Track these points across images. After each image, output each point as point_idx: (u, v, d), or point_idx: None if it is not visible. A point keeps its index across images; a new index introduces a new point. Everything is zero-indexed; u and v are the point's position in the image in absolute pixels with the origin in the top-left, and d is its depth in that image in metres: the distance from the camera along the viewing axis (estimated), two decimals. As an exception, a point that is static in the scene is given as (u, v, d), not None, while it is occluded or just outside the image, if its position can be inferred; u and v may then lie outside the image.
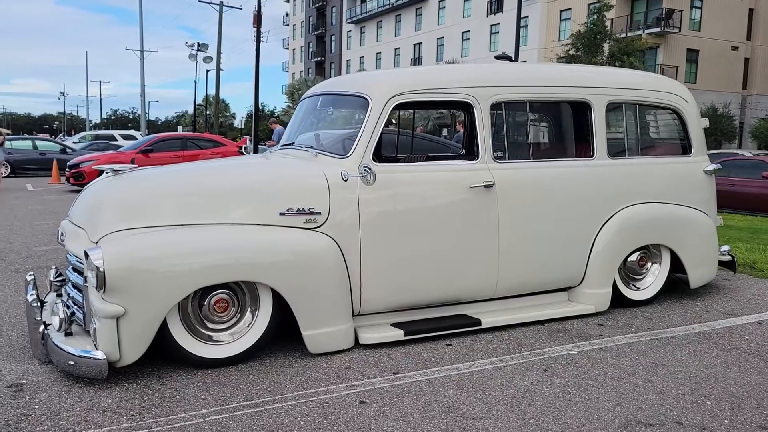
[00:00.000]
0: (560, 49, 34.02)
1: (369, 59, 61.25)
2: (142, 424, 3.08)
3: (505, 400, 3.40)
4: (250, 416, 3.18)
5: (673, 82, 5.57)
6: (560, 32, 41.25)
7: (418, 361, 3.97)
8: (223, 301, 3.84)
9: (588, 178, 4.89)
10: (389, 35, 58.55)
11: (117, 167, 4.21)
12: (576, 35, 31.49)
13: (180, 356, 3.75)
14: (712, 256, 5.50)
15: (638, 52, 32.10)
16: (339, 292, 4.07)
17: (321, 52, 69.84)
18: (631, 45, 31.48)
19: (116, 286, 3.45)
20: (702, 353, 4.15)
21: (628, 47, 31.30)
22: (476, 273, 4.52)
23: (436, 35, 52.20)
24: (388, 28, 58.77)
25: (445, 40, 51.30)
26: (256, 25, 29.99)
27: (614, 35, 32.42)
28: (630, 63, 30.60)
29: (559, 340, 4.39)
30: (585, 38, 31.07)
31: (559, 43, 36.85)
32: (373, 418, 3.18)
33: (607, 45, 31.51)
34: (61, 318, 3.69)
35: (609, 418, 3.19)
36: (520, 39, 45.42)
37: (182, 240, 3.73)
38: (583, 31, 30.86)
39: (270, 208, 4.01)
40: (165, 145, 16.16)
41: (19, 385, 3.53)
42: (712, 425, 3.13)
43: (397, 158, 6.02)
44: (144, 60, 49.93)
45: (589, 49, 31.20)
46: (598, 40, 31.20)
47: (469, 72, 4.76)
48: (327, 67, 68.24)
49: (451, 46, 50.13)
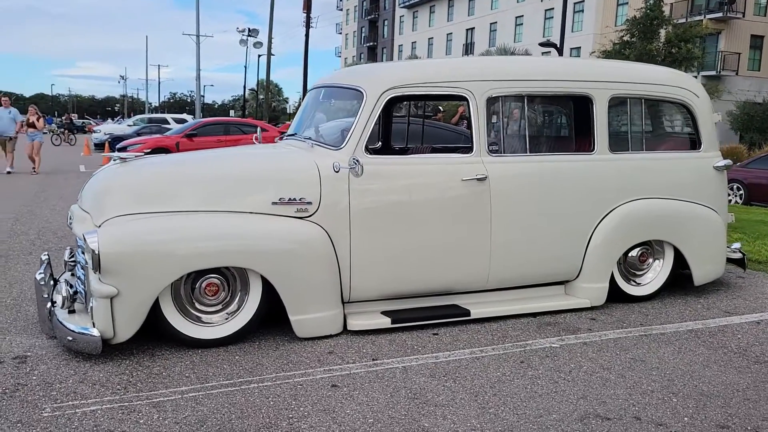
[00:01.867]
0: (614, 35, 33.18)
1: (421, 45, 61.00)
2: (125, 398, 3.31)
3: (473, 390, 3.50)
4: (225, 394, 3.37)
5: (683, 77, 5.49)
6: (617, 17, 40.25)
7: (400, 348, 4.10)
8: (213, 285, 4.05)
9: (586, 173, 4.89)
10: (442, 20, 58.14)
11: (123, 155, 4.46)
12: (631, 21, 30.67)
13: (172, 336, 3.98)
14: (718, 253, 5.42)
15: (697, 39, 31.04)
16: (327, 280, 4.22)
17: (373, 37, 69.88)
18: (689, 31, 30.44)
19: (110, 268, 3.69)
20: (686, 351, 4.14)
21: (686, 33, 30.27)
22: (467, 265, 4.60)
23: (489, 20, 51.59)
24: (440, 13, 58.35)
25: (498, 25, 50.67)
26: (305, 10, 30.30)
27: (673, 21, 31.43)
28: (687, 50, 29.68)
29: (545, 332, 4.45)
30: (640, 24, 30.23)
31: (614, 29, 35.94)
32: (339, 401, 3.33)
33: (664, 31, 30.58)
34: (64, 296, 3.96)
35: (568, 411, 3.26)
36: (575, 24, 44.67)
37: (175, 226, 3.94)
38: (638, 17, 30.00)
39: (262, 198, 4.18)
40: (208, 130, 16.61)
41: (24, 357, 3.82)
42: (670, 422, 3.16)
43: (406, 149, 6.13)
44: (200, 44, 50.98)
45: (644, 36, 30.37)
46: (654, 26, 30.31)
47: (466, 66, 4.82)
48: (379, 52, 68.24)
49: (504, 32, 49.48)
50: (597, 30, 41.30)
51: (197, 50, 50.25)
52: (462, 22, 55.12)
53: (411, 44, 62.81)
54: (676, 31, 30.41)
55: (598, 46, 37.86)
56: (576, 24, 44.23)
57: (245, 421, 3.10)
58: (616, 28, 36.06)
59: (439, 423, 3.11)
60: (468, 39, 54.33)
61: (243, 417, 3.13)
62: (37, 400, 3.26)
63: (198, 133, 16.41)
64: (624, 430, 3.08)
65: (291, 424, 3.07)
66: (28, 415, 3.10)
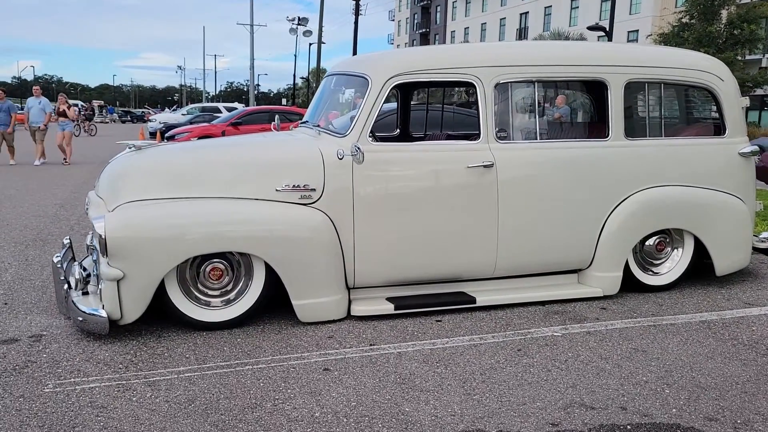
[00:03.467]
0: (673, 17, 32.07)
1: (474, 30, 60.33)
2: (124, 376, 3.45)
3: (462, 376, 3.51)
4: (219, 375, 3.48)
5: (706, 60, 5.30)
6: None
7: (400, 334, 4.13)
8: (217, 270, 4.16)
9: (599, 160, 4.79)
10: (495, 5, 57.31)
11: (138, 143, 4.61)
12: (691, 1, 29.58)
13: (178, 319, 4.12)
14: (742, 242, 5.23)
15: (762, 19, 29.70)
16: (330, 266, 4.28)
17: (426, 24, 69.45)
18: (753, 11, 29.13)
19: (116, 252, 3.84)
20: (693, 342, 4.04)
21: (749, 14, 28.98)
22: (473, 252, 4.59)
23: (544, 4, 50.60)
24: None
25: (553, 9, 49.67)
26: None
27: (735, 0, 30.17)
28: (750, 31, 28.45)
29: (550, 321, 4.41)
30: (700, 4, 29.12)
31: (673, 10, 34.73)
32: (328, 384, 3.40)
33: (726, 11, 29.38)
34: (76, 279, 4.14)
35: (554, 399, 3.24)
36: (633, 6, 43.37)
37: (179, 212, 4.06)
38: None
39: (267, 184, 4.26)
40: (253, 118, 16.88)
41: (40, 336, 4.01)
42: (656, 413, 3.11)
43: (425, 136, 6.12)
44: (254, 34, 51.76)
45: (704, 17, 29.26)
46: (716, 6, 29.16)
47: (473, 52, 4.77)
48: (432, 38, 67.80)
49: (559, 16, 48.46)
50: (656, 12, 40.04)
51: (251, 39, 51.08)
52: (516, 7, 54.23)
53: (464, 30, 62.21)
54: (739, 11, 29.18)
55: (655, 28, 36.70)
56: (634, 6, 42.98)
57: (232, 401, 3.19)
58: (675, 9, 34.85)
59: (420, 408, 3.14)
60: (522, 24, 53.46)
61: (231, 397, 3.23)
62: (42, 377, 3.43)
63: (243, 121, 16.71)
64: (606, 419, 3.04)
65: (275, 405, 3.15)
66: (31, 390, 3.27)
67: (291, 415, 3.05)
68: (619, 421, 3.03)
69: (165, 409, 3.09)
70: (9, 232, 7.08)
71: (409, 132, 6.13)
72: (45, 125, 15.26)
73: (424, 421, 3.01)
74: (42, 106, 15.34)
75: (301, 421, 3.00)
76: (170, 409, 3.10)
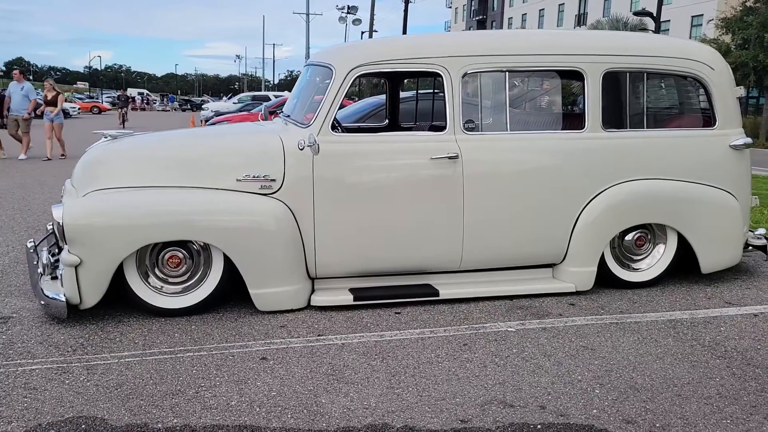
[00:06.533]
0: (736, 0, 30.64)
1: (531, 17, 59.13)
2: (68, 359, 3.58)
3: (394, 370, 3.49)
4: (157, 362, 3.57)
5: (697, 48, 5.06)
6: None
7: (353, 325, 4.14)
8: (175, 257, 4.25)
9: (573, 152, 4.66)
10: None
11: (113, 132, 4.75)
12: (756, -18, 28.20)
13: (137, 304, 4.23)
14: (731, 239, 5.00)
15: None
16: (288, 255, 4.32)
17: (483, 10, 68.44)
18: (824, -6, 27.57)
19: (73, 238, 3.97)
20: (648, 342, 3.90)
21: (820, -3, 27.44)
22: (438, 245, 4.54)
23: (604, -12, 49.10)
24: (552, -18, 56.20)
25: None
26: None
27: (805, -18, 28.57)
28: (820, 12, 26.92)
29: (511, 316, 4.33)
30: (767, -14, 27.72)
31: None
32: (257, 373, 3.44)
33: (795, -8, 27.88)
34: (44, 264, 4.30)
35: (475, 396, 3.19)
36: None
37: (137, 200, 4.17)
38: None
39: (228, 174, 4.33)
40: (290, 107, 17.06)
41: (8, 318, 4.20)
42: (574, 413, 3.03)
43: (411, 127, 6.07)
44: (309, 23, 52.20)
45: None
46: (783, -13, 27.72)
47: (439, 42, 4.70)
48: (489, 25, 66.81)
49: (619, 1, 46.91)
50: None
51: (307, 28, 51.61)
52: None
53: (521, 16, 61.06)
54: (808, -6, 27.65)
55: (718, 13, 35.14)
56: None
57: (157, 387, 3.27)
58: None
59: (336, 400, 3.15)
60: (580, 9, 52.07)
61: (158, 383, 3.31)
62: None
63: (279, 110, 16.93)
64: (519, 418, 2.98)
65: (197, 392, 3.21)
66: (-25, 370, 3.43)
67: (207, 403, 3.11)
68: (532, 420, 2.97)
69: (91, 393, 3.20)
70: (25, 218, 7.40)
71: (398, 123, 6.09)
72: (29, 114, 13.62)
73: (334, 413, 3.02)
74: (25, 92, 13.56)
75: (214, 409, 3.05)
76: (96, 392, 3.20)
